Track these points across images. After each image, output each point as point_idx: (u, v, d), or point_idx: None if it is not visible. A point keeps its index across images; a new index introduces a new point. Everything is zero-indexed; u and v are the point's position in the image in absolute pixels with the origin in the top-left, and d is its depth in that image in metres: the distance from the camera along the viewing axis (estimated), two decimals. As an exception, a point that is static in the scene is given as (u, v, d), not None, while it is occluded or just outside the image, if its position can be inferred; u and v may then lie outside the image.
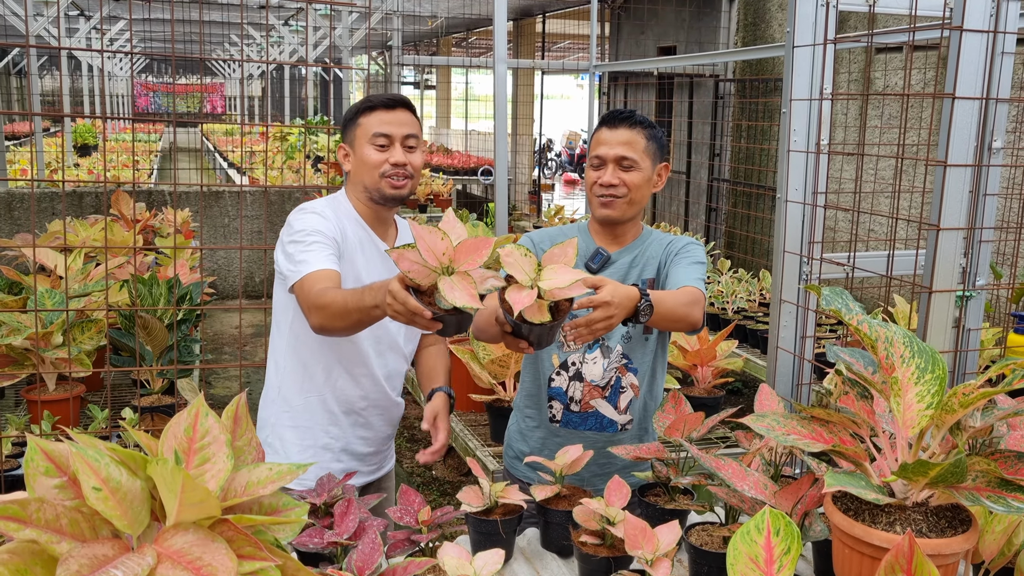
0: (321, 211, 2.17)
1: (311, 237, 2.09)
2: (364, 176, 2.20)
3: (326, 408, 2.28)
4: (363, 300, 1.86)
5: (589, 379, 2.28)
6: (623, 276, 2.28)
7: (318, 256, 2.07)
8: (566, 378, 2.29)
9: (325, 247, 2.09)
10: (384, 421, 2.38)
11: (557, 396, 2.30)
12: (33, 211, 2.14)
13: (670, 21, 9.37)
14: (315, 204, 2.21)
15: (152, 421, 3.17)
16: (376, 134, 2.18)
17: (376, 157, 2.18)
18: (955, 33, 2.10)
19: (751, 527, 1.33)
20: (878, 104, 6.17)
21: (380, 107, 2.20)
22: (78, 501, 1.05)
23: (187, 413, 1.14)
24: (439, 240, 1.57)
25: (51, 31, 10.40)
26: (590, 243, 2.32)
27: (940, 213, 2.15)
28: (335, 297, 1.94)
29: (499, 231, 5.51)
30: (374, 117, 2.19)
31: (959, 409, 1.36)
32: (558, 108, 27.09)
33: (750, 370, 4.55)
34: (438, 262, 1.58)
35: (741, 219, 7.90)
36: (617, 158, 2.20)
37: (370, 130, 2.19)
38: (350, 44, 10.48)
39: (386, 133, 2.18)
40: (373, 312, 1.83)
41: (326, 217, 2.15)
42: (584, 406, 2.29)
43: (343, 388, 2.27)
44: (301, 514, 1.16)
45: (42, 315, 3.17)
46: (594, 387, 2.28)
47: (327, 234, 2.12)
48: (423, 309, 1.60)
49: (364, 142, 2.19)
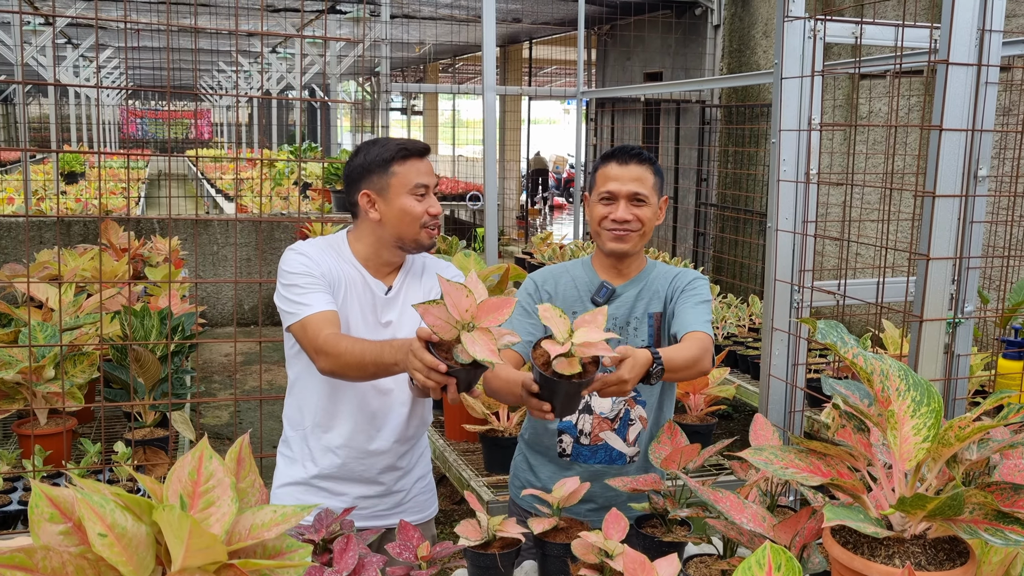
0: (308, 252, 2.17)
1: (307, 279, 2.11)
2: (402, 227, 2.18)
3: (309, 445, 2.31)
4: (382, 356, 1.92)
5: (599, 412, 2.29)
6: (630, 309, 2.30)
7: (317, 297, 2.09)
8: (575, 412, 2.28)
9: (320, 287, 2.11)
10: (393, 478, 2.37)
11: (567, 429, 2.31)
12: (28, 245, 2.15)
13: (656, 47, 9.47)
14: (309, 245, 2.20)
15: (145, 455, 3.15)
16: (418, 184, 2.16)
17: (419, 208, 2.16)
18: (941, 67, 2.14)
19: (752, 563, 1.34)
20: (863, 129, 6.25)
21: (415, 156, 2.19)
22: (83, 548, 1.04)
23: (191, 456, 1.14)
24: (464, 297, 1.65)
25: (39, 60, 10.41)
26: (594, 277, 2.33)
27: (930, 243, 2.18)
28: (351, 348, 1.98)
29: (489, 258, 5.53)
30: (411, 167, 2.18)
31: (955, 442, 1.37)
32: (545, 133, 27.24)
33: (741, 395, 4.57)
34: (461, 318, 1.65)
35: (729, 244, 7.95)
36: (630, 194, 2.23)
37: (410, 180, 2.16)
38: (338, 71, 10.53)
39: (427, 184, 2.18)
40: (392, 368, 1.91)
41: (317, 259, 2.16)
42: (594, 439, 2.30)
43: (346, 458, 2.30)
44: (304, 556, 1.16)
45: (34, 349, 3.16)
46: (603, 419, 2.29)
47: (318, 274, 2.13)
48: (438, 363, 1.68)
49: (403, 192, 2.16)
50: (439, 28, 11.87)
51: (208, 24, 10.77)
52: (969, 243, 2.43)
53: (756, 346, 4.85)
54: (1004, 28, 2.35)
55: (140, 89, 3.86)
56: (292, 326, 2.10)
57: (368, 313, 2.22)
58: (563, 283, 2.33)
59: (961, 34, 2.15)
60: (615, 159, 2.27)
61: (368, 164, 2.19)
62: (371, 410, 2.25)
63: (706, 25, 8.49)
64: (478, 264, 3.85)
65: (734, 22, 8.12)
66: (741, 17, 8.00)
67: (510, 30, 12.20)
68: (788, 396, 2.61)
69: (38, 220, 7.53)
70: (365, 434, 2.27)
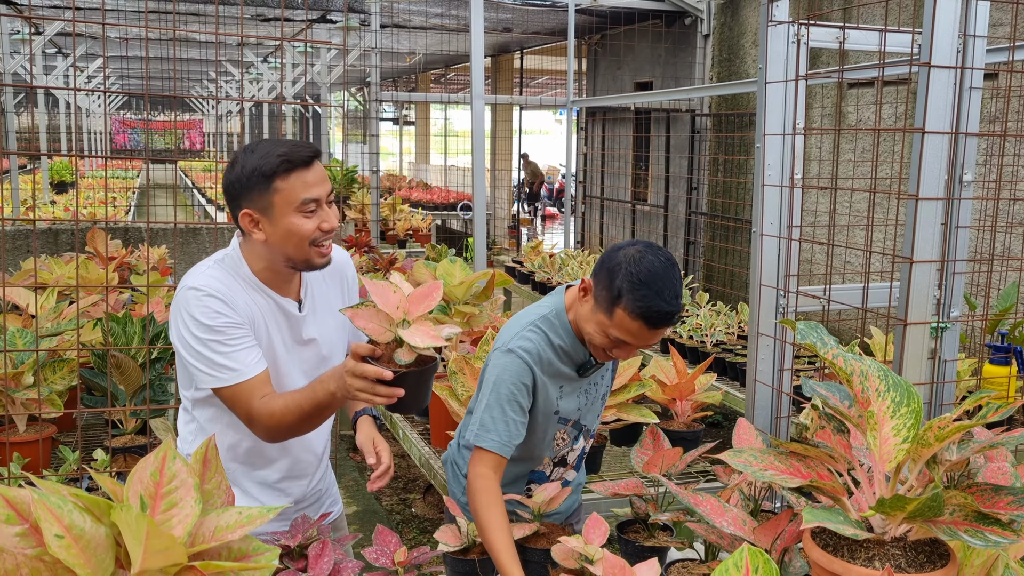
0: (218, 291, 1.87)
1: (228, 332, 1.85)
2: (289, 248, 1.88)
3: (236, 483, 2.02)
4: (316, 396, 1.76)
5: (570, 461, 2.24)
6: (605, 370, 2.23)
7: (245, 357, 1.85)
8: (550, 465, 2.22)
9: (245, 339, 1.87)
10: (303, 487, 2.14)
11: (537, 479, 2.22)
12: (3, 249, 2.12)
13: (646, 57, 9.48)
14: (207, 283, 1.88)
15: (125, 462, 3.12)
16: (306, 200, 1.85)
17: (308, 226, 1.86)
18: (923, 69, 2.13)
19: (729, 565, 1.32)
20: (851, 138, 6.26)
21: (300, 166, 1.85)
22: (40, 550, 1.02)
23: (154, 456, 1.12)
24: (392, 293, 1.59)
25: (27, 68, 10.38)
26: (578, 349, 2.07)
27: (913, 246, 2.17)
28: (285, 406, 1.80)
29: (478, 265, 5.51)
30: (296, 180, 1.84)
31: (935, 443, 1.35)
32: (537, 143, 27.29)
33: (729, 403, 4.55)
34: (394, 316, 1.59)
35: (719, 252, 7.95)
36: (642, 346, 2.02)
37: (296, 197, 1.84)
38: (328, 80, 10.52)
39: (316, 197, 1.86)
40: (332, 402, 1.75)
41: (226, 299, 1.88)
42: (560, 477, 2.25)
43: (255, 464, 2.06)
44: (271, 559, 1.14)
45: (12, 355, 3.12)
46: (569, 466, 2.25)
47: (237, 321, 1.87)
48: (382, 371, 1.58)
49: (289, 210, 1.85)
50: (430, 38, 11.87)
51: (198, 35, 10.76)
52: (955, 248, 2.42)
53: (744, 353, 4.83)
54: (990, 36, 2.35)
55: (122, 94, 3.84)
56: (219, 390, 1.86)
57: (287, 337, 1.99)
58: (553, 361, 2.06)
59: (943, 37, 2.14)
60: (646, 322, 1.89)
61: (246, 179, 1.86)
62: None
63: (696, 35, 8.50)
64: (463, 270, 3.83)
65: (723, 32, 8.14)
66: (730, 27, 8.02)
67: (500, 40, 12.21)
68: (774, 401, 2.59)
69: (25, 229, 7.50)
70: (303, 462, 2.10)
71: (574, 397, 2.11)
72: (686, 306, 5.89)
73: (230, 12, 9.30)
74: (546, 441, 2.13)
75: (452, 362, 3.34)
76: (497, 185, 14.88)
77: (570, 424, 2.15)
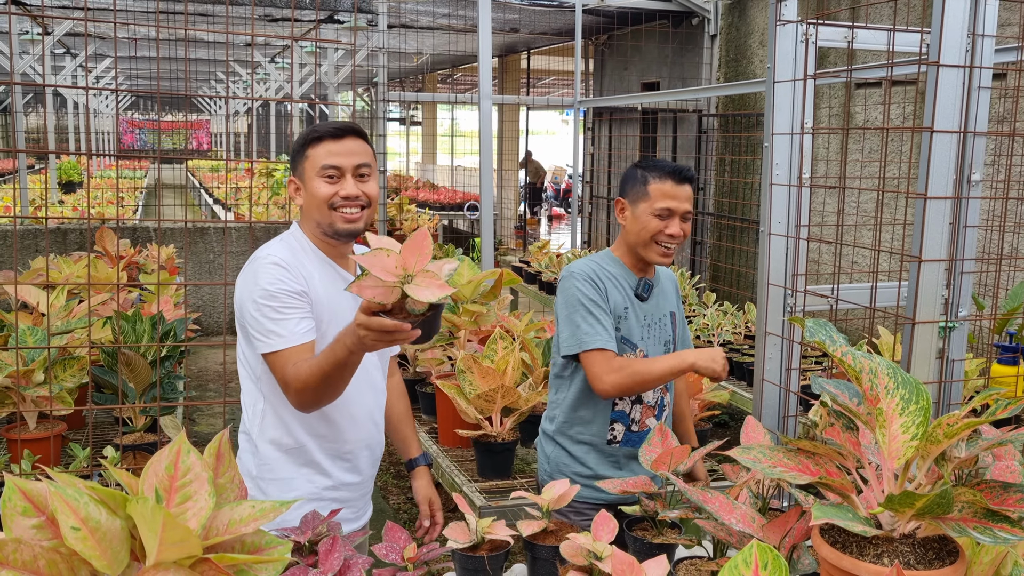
0: (283, 260, 2.04)
1: (284, 300, 1.99)
2: (315, 211, 2.08)
3: (309, 459, 2.16)
4: (336, 354, 1.82)
5: (646, 401, 2.53)
6: (658, 307, 2.56)
7: (294, 326, 1.98)
8: (628, 402, 2.50)
9: (298, 310, 2.00)
10: (369, 462, 2.29)
11: (620, 419, 2.50)
12: (16, 248, 2.14)
13: (653, 57, 9.48)
14: (275, 251, 2.07)
15: (135, 459, 3.13)
16: (325, 166, 2.05)
17: (326, 190, 2.05)
18: (932, 68, 2.13)
19: (739, 561, 1.32)
20: (859, 138, 6.25)
21: (328, 137, 2.07)
22: (56, 541, 1.03)
23: (168, 450, 1.13)
24: (387, 258, 1.60)
25: (36, 68, 10.43)
26: (629, 273, 2.52)
27: (921, 245, 2.17)
28: (310, 372, 1.89)
29: (485, 265, 5.52)
30: (322, 148, 2.06)
31: (944, 440, 1.36)
32: (543, 143, 27.29)
33: (736, 403, 4.55)
34: (397, 276, 1.60)
35: (726, 252, 7.95)
36: (684, 212, 2.43)
37: (318, 162, 2.06)
38: (336, 80, 10.55)
39: (335, 164, 2.05)
40: (351, 359, 1.82)
41: (289, 266, 2.03)
42: (641, 425, 2.52)
43: (326, 435, 2.16)
44: (284, 552, 1.15)
45: (23, 352, 3.14)
46: (648, 407, 2.53)
47: (296, 290, 2.01)
48: (400, 324, 1.63)
49: (313, 174, 2.06)
50: (437, 38, 11.89)
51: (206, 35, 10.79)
52: (963, 247, 2.42)
53: (751, 353, 4.83)
54: (999, 35, 2.35)
55: (134, 93, 3.86)
56: (266, 355, 2.00)
57: (351, 304, 2.06)
58: (607, 279, 2.47)
59: (951, 36, 2.14)
60: (672, 177, 2.41)
61: (292, 152, 2.13)
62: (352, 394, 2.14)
63: (703, 35, 8.50)
64: (471, 269, 3.84)
65: (731, 32, 8.14)
66: (738, 27, 8.02)
67: (507, 40, 12.23)
68: (781, 400, 2.60)
69: (34, 229, 7.53)
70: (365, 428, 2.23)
71: (636, 324, 2.46)
72: (693, 306, 5.89)
73: (237, 12, 9.33)
74: None
75: (460, 361, 3.35)
76: (504, 185, 14.90)
77: (638, 352, 2.46)
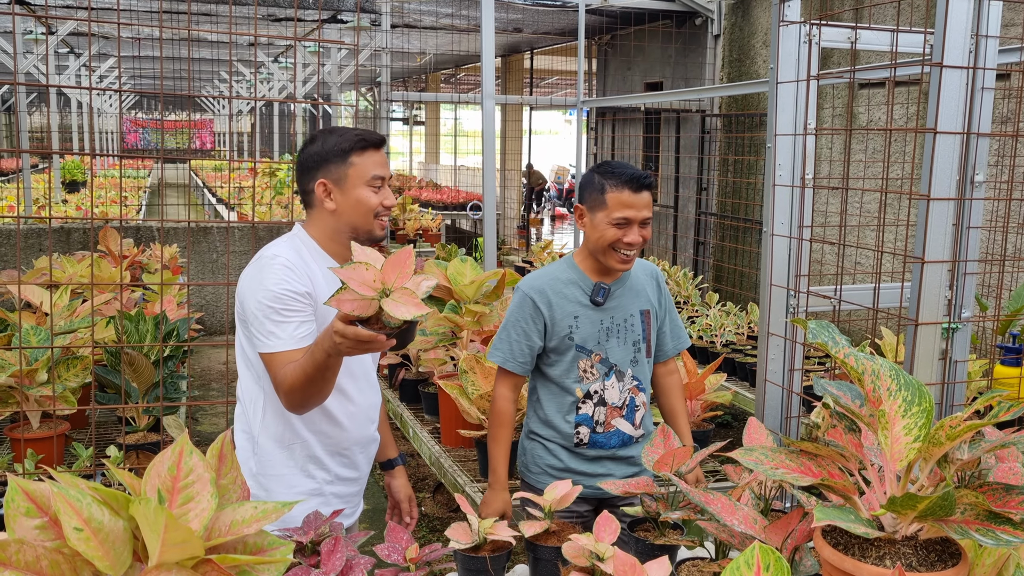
0: (290, 261, 2.07)
1: (287, 302, 2.03)
2: (356, 217, 2.14)
3: (309, 454, 2.19)
4: (315, 357, 1.86)
5: (611, 403, 2.51)
6: (623, 307, 2.51)
7: (293, 330, 2.03)
8: (591, 405, 2.50)
9: (300, 314, 2.04)
10: (366, 459, 2.32)
11: (584, 422, 2.51)
12: (19, 248, 2.14)
13: (656, 57, 9.48)
14: (281, 251, 2.10)
15: (137, 459, 3.14)
16: (375, 176, 2.13)
17: (374, 200, 2.13)
18: (935, 69, 2.13)
19: (741, 563, 1.32)
20: (862, 138, 6.24)
21: (373, 147, 2.15)
22: (59, 542, 1.03)
23: (171, 451, 1.13)
24: (365, 272, 1.62)
25: (40, 68, 10.44)
26: (585, 280, 2.50)
27: (924, 246, 2.17)
28: (294, 375, 1.94)
29: (488, 265, 5.52)
30: (369, 158, 2.14)
31: (946, 442, 1.36)
32: (546, 143, 27.27)
33: (739, 403, 4.55)
34: (375, 291, 1.63)
35: (729, 252, 7.94)
36: (643, 219, 2.41)
37: (368, 172, 2.13)
38: (339, 80, 10.55)
39: (383, 176, 2.15)
40: (329, 362, 1.86)
41: (295, 267, 2.07)
42: (607, 426, 2.52)
43: (327, 431, 2.19)
44: (286, 553, 1.15)
45: (27, 352, 3.15)
46: (614, 408, 2.52)
47: (301, 291, 2.05)
48: (375, 335, 1.67)
49: (359, 183, 2.12)
50: (440, 38, 11.89)
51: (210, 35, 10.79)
52: (966, 248, 2.42)
53: (754, 354, 4.83)
54: (1002, 36, 2.35)
55: (138, 93, 3.87)
56: (262, 355, 2.05)
57: None
58: (556, 290, 2.48)
59: (955, 37, 2.14)
60: (630, 186, 2.39)
61: (325, 153, 2.15)
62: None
63: (706, 35, 8.49)
64: (474, 269, 3.84)
65: (734, 32, 8.13)
66: (741, 27, 8.01)
67: (511, 40, 12.22)
68: (784, 401, 2.60)
69: (38, 228, 7.54)
70: (364, 426, 2.27)
71: (592, 329, 2.46)
72: (696, 307, 5.88)
73: (241, 12, 9.33)
74: (571, 370, 2.47)
75: (463, 361, 3.35)
76: (507, 185, 14.89)
77: (595, 357, 2.47)
